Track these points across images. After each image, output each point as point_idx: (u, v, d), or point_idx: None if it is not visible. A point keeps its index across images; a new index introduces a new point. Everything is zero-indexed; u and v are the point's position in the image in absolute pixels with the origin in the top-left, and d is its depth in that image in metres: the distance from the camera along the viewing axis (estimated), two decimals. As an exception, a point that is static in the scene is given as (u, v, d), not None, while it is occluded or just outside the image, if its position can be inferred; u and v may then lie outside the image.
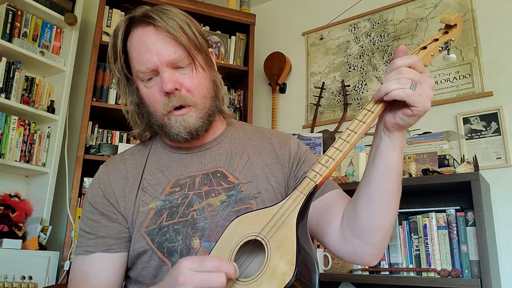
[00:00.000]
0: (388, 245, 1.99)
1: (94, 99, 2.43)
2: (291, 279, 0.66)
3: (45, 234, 2.30)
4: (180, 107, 0.92)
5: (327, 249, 0.96)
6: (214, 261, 0.68)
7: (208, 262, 0.68)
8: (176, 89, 0.90)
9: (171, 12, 0.93)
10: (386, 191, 0.82)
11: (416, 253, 1.92)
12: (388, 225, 0.85)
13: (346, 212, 0.90)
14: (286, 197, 0.77)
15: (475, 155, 2.06)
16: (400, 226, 1.97)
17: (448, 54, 0.87)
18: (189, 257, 0.71)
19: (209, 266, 0.67)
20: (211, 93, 0.97)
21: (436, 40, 0.84)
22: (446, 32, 0.85)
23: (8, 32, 2.39)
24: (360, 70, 2.72)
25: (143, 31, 0.92)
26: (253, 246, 0.74)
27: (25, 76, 2.49)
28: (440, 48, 0.84)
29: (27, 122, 2.46)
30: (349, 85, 2.73)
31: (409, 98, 0.73)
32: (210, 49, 1.01)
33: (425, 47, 0.83)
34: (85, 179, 2.35)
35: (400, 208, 0.89)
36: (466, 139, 2.22)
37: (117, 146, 2.46)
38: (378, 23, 2.73)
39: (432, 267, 1.86)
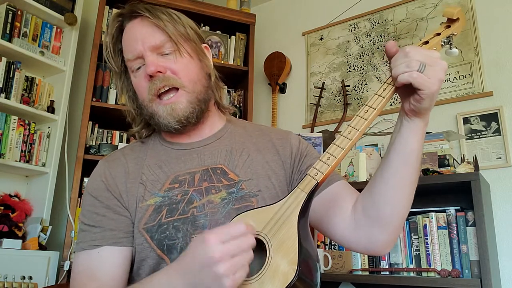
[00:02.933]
0: (388, 245, 1.99)
1: (94, 99, 2.43)
2: (293, 279, 0.66)
3: (45, 234, 2.30)
4: (167, 93, 0.93)
5: (336, 241, 0.95)
6: (237, 226, 0.69)
7: (233, 228, 0.69)
8: (160, 71, 0.92)
9: (158, 7, 0.98)
10: (405, 177, 0.83)
11: (416, 253, 1.92)
12: (405, 212, 0.86)
13: (360, 199, 0.89)
14: (287, 195, 0.77)
15: (475, 155, 2.06)
16: (400, 226, 1.97)
17: (451, 49, 0.86)
18: (211, 231, 0.69)
19: (235, 232, 0.68)
20: (202, 81, 0.97)
21: (438, 34, 0.83)
22: (448, 26, 0.84)
23: (8, 32, 2.39)
24: (360, 70, 2.72)
25: (131, 24, 0.97)
26: None
27: (25, 76, 2.49)
28: (442, 43, 0.83)
29: (27, 122, 2.46)
30: (349, 85, 2.73)
31: (415, 80, 0.74)
32: (204, 45, 1.03)
33: (427, 42, 0.82)
34: (85, 179, 2.34)
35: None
36: (466, 139, 2.22)
37: (117, 146, 2.46)
38: (378, 23, 2.73)
39: (432, 267, 1.86)
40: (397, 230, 0.87)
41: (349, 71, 2.77)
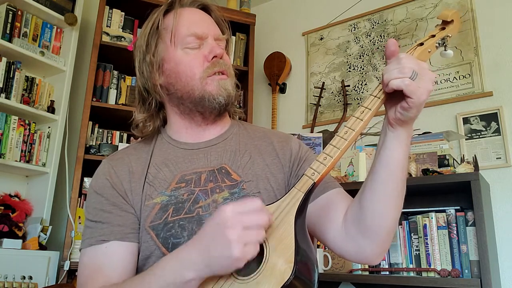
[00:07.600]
0: (388, 245, 1.99)
1: (94, 99, 2.43)
2: (289, 277, 0.66)
3: (45, 234, 2.30)
4: (220, 74, 0.99)
5: (328, 248, 0.96)
6: (254, 202, 0.71)
7: (250, 203, 0.71)
8: (221, 58, 1.00)
9: (213, 5, 1.08)
10: (391, 188, 0.83)
11: (416, 253, 1.92)
12: (393, 224, 0.86)
13: (350, 210, 0.89)
14: (284, 195, 0.77)
15: (475, 155, 2.06)
16: (400, 226, 1.97)
17: (445, 50, 0.87)
18: (230, 202, 0.72)
19: (251, 207, 0.70)
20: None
21: (433, 36, 0.85)
22: (443, 28, 0.86)
23: (8, 32, 2.39)
24: (360, 70, 2.72)
25: (196, 10, 1.04)
26: None
27: (25, 76, 2.49)
28: (437, 45, 0.85)
29: (27, 122, 2.46)
30: (349, 85, 2.73)
31: (407, 88, 0.74)
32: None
33: (422, 44, 0.83)
34: (85, 179, 2.35)
35: (400, 208, 0.88)
36: (466, 139, 2.22)
37: (117, 146, 2.46)
38: (378, 23, 2.73)
39: (432, 267, 1.86)
40: (385, 243, 0.87)
41: (349, 71, 2.77)
